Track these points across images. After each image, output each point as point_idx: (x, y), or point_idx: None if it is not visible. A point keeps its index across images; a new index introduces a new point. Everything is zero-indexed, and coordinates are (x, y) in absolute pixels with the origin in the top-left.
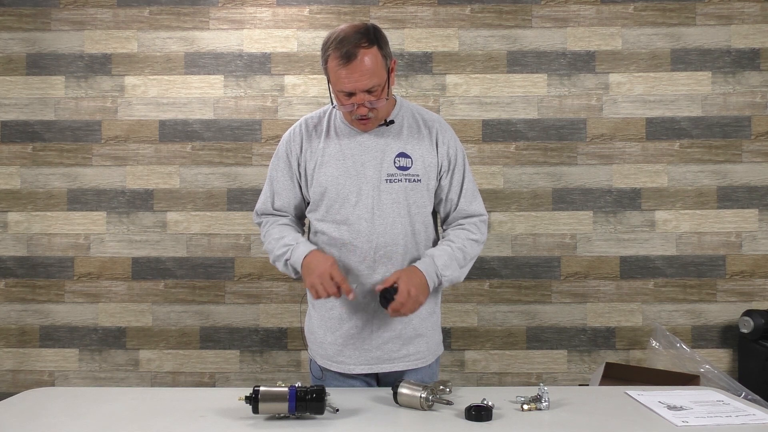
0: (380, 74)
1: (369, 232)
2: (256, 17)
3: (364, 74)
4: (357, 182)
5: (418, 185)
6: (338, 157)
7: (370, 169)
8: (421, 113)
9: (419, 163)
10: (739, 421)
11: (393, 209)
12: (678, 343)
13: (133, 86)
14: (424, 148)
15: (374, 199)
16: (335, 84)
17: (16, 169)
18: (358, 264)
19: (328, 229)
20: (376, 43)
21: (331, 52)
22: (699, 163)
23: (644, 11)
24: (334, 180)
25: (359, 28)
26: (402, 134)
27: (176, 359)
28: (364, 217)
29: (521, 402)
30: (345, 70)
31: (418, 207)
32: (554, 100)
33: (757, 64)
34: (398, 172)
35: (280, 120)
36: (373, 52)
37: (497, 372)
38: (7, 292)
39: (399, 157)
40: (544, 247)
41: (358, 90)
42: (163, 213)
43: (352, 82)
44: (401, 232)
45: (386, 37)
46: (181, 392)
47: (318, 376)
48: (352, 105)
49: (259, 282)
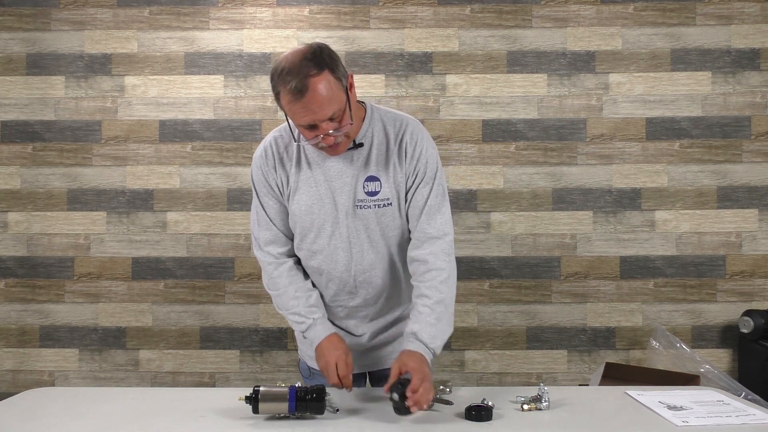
0: (338, 98)
1: (347, 260)
2: (256, 17)
3: (321, 105)
4: (331, 211)
5: (389, 209)
6: (310, 183)
7: (341, 197)
8: (393, 123)
9: (389, 185)
10: (739, 421)
11: (367, 236)
12: (678, 343)
13: (133, 86)
14: (393, 166)
15: (348, 228)
16: (293, 119)
17: (16, 169)
18: (338, 290)
19: (305, 257)
20: (326, 67)
21: (281, 87)
22: (699, 163)
23: (644, 11)
24: (308, 209)
25: (305, 53)
26: (371, 155)
27: (176, 359)
28: (341, 247)
29: (521, 402)
30: (299, 104)
31: (392, 230)
32: (554, 100)
33: (757, 64)
34: (367, 198)
35: (280, 120)
36: (325, 78)
37: (497, 372)
38: (7, 292)
39: (368, 181)
40: (544, 247)
41: (319, 121)
42: (163, 213)
43: (310, 114)
44: (379, 257)
45: (335, 55)
46: (181, 392)
47: (306, 375)
48: (317, 137)
49: (259, 282)
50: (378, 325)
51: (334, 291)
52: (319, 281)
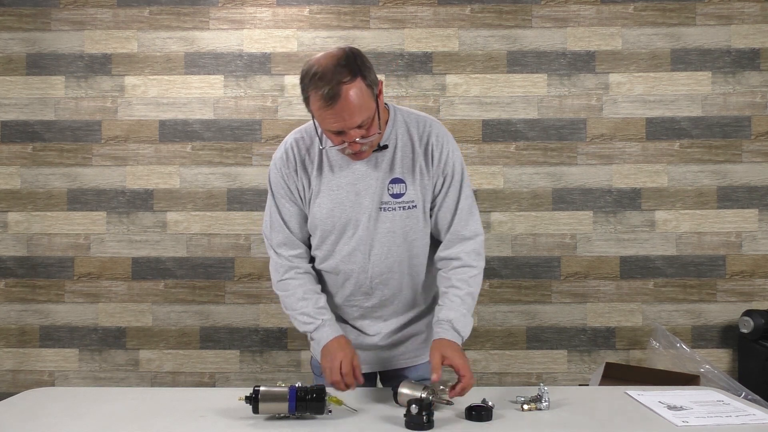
0: (369, 106)
1: (364, 262)
2: (256, 17)
3: (352, 113)
4: (353, 213)
5: (414, 211)
6: (332, 187)
7: (365, 199)
8: (416, 125)
9: (414, 188)
10: (739, 421)
11: (389, 238)
12: (678, 343)
13: (133, 86)
14: (419, 169)
15: (370, 230)
16: (321, 124)
17: (16, 169)
18: (354, 290)
19: (322, 257)
20: (359, 74)
21: (312, 91)
22: (699, 163)
23: (644, 11)
24: (329, 212)
25: (338, 58)
26: (396, 157)
27: (176, 359)
28: (360, 249)
29: (521, 402)
30: (330, 111)
31: (416, 233)
32: (554, 100)
33: (757, 64)
34: (392, 200)
35: (280, 120)
36: (358, 85)
37: (497, 372)
38: (7, 292)
39: (392, 183)
40: (544, 247)
41: (348, 128)
42: (163, 213)
43: (339, 122)
44: (397, 260)
45: (368, 62)
46: (181, 392)
47: (318, 373)
48: (343, 142)
49: (259, 282)
50: (392, 326)
51: (350, 291)
52: (335, 281)
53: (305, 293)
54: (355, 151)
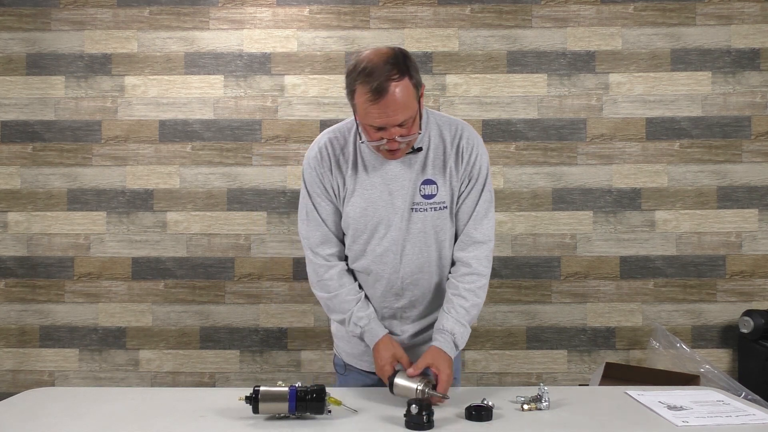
0: (412, 106)
1: (395, 262)
2: (256, 17)
3: (396, 110)
4: (386, 213)
5: (444, 212)
6: (366, 186)
7: (398, 199)
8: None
9: (445, 189)
10: (739, 421)
11: (420, 239)
12: (678, 343)
13: (133, 86)
14: (449, 171)
15: (402, 231)
16: (363, 118)
17: (16, 169)
18: (385, 291)
19: (354, 257)
20: (407, 73)
21: (359, 85)
22: (699, 163)
23: (644, 11)
24: (362, 212)
25: (388, 56)
26: (428, 159)
27: (176, 359)
28: (392, 249)
29: (521, 402)
30: (376, 106)
31: (445, 233)
32: (554, 100)
33: (757, 64)
34: (423, 201)
35: (280, 120)
36: (404, 84)
37: (497, 372)
38: (7, 292)
39: (424, 184)
40: (544, 247)
41: (390, 125)
42: (163, 213)
43: (383, 118)
44: (428, 260)
45: (415, 63)
46: (181, 392)
47: (341, 372)
48: (381, 139)
49: (259, 282)
50: (419, 326)
51: (381, 292)
52: (365, 281)
53: (347, 294)
54: (392, 149)
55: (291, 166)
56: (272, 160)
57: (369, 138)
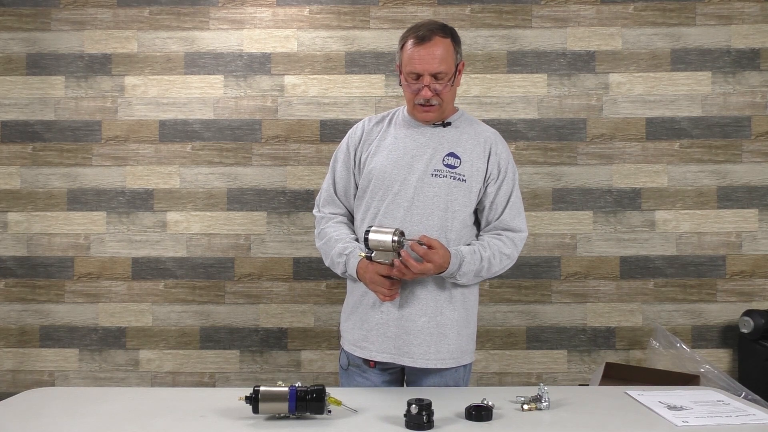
0: (449, 63)
1: (403, 220)
2: (256, 17)
3: (434, 57)
4: (403, 173)
5: (462, 185)
6: (391, 148)
7: (419, 162)
8: (479, 124)
9: (467, 165)
10: (739, 421)
11: (431, 202)
12: (678, 343)
13: (133, 86)
14: (476, 154)
15: (415, 190)
16: (406, 65)
17: (16, 169)
18: None
19: (365, 214)
20: (452, 37)
21: (408, 36)
22: (699, 163)
23: (644, 11)
24: (381, 168)
25: (439, 22)
26: (456, 137)
27: (176, 359)
28: (402, 206)
29: (521, 402)
30: (418, 50)
31: (459, 205)
32: (554, 100)
33: (757, 64)
34: (445, 169)
35: (280, 120)
36: (447, 42)
37: (497, 372)
38: (7, 292)
39: (449, 156)
40: (544, 247)
41: (427, 72)
42: (163, 213)
43: (422, 63)
44: (434, 225)
45: (461, 40)
46: (181, 392)
47: (344, 367)
48: (418, 86)
49: (259, 282)
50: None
51: None
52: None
53: (338, 235)
54: (426, 99)
55: (291, 166)
56: (272, 160)
57: (407, 85)
